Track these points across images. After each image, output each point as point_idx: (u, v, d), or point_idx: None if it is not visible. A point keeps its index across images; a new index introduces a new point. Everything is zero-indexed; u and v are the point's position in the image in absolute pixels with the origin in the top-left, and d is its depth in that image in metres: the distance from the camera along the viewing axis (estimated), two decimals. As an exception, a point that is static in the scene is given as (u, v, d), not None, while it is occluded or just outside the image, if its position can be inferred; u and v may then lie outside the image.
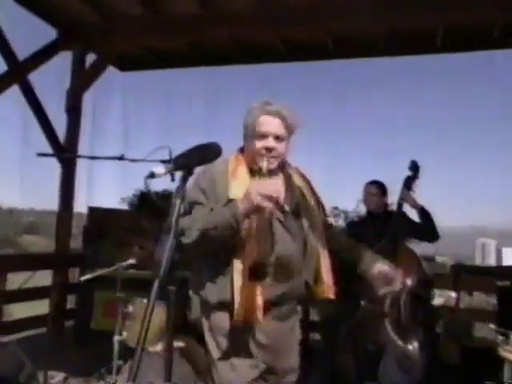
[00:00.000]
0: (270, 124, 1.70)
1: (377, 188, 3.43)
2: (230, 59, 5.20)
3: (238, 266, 1.59)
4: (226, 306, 1.61)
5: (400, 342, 2.83)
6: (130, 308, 2.89)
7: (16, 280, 4.43)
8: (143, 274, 3.37)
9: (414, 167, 3.27)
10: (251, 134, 1.73)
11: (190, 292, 1.82)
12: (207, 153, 1.40)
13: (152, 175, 1.24)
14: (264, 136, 1.70)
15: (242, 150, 1.82)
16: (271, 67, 5.62)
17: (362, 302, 3.08)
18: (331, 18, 4.22)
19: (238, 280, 1.58)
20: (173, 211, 1.24)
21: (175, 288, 1.36)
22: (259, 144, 1.70)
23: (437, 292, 4.30)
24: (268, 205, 1.50)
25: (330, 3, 4.08)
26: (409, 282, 2.96)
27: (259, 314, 1.56)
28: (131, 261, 2.92)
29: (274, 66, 5.62)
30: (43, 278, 4.76)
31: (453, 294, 5.18)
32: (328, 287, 1.75)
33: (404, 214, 3.29)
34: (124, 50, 5.05)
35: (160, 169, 1.25)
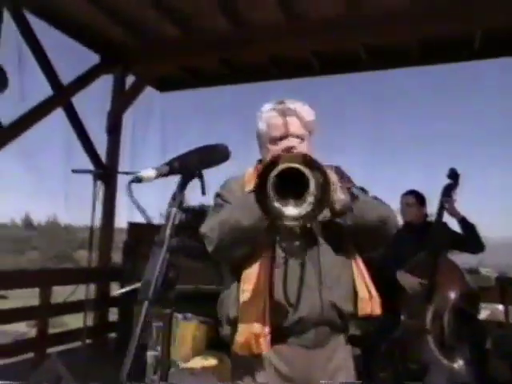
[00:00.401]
0: (288, 124, 1.45)
1: (414, 198, 3.17)
2: (264, 75, 5.08)
3: (246, 286, 1.36)
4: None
5: (445, 361, 2.54)
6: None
7: (62, 293, 4.41)
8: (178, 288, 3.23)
9: (454, 175, 3.00)
10: (267, 140, 1.49)
11: None
12: (212, 155, 1.15)
13: (138, 179, 0.99)
14: (282, 139, 1.45)
15: (261, 162, 1.57)
16: (306, 81, 5.45)
17: (402, 317, 2.82)
18: (363, 29, 4.03)
19: (242, 300, 1.35)
20: (167, 221, 1.01)
21: (171, 310, 1.12)
22: (278, 148, 1.44)
23: (482, 305, 3.93)
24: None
25: (361, 13, 3.89)
26: (452, 295, 2.68)
27: (263, 342, 1.30)
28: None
29: (309, 80, 5.45)
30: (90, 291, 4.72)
31: (499, 307, 4.76)
32: (367, 302, 1.41)
33: (444, 224, 3.02)
34: (161, 71, 5.04)
35: (149, 172, 0.98)
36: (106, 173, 3.03)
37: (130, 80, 4.81)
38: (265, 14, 4.01)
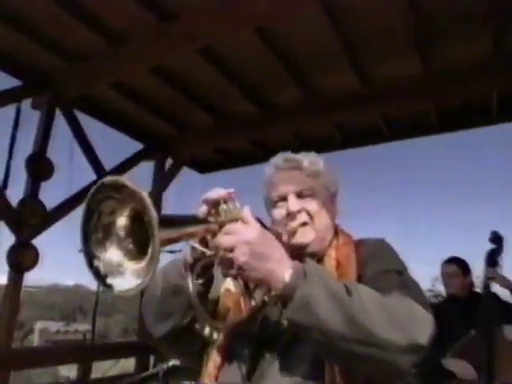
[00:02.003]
0: (285, 180, 1.00)
1: (457, 267, 2.46)
2: (291, 151, 4.67)
3: None
4: None
5: None
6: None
7: (101, 366, 3.86)
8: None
9: (497, 239, 2.32)
10: (269, 204, 1.03)
11: None
12: None
13: None
14: (282, 200, 0.99)
15: None
16: (331, 155, 4.93)
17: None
18: (381, 100, 3.58)
19: None
20: None
21: None
22: (278, 212, 0.98)
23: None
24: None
25: (375, 87, 3.47)
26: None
27: None
28: (173, 361, 2.23)
29: (335, 154, 4.95)
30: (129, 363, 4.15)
31: None
32: None
33: (495, 296, 2.28)
34: (197, 155, 4.79)
35: None
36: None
37: (169, 162, 4.58)
38: (285, 95, 3.69)
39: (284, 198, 0.98)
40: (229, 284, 0.90)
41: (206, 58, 3.15)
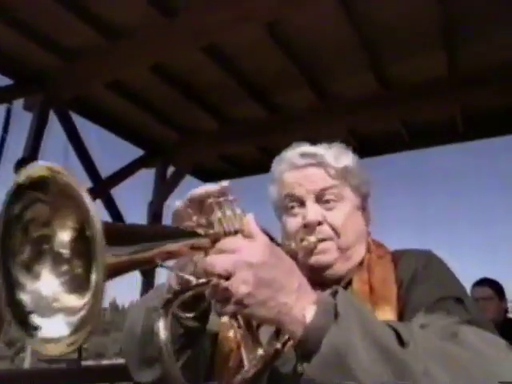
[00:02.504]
0: (302, 180, 0.83)
1: (491, 289, 2.27)
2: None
3: None
4: None
5: None
6: None
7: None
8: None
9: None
10: (282, 209, 0.87)
11: None
12: None
13: None
14: (298, 205, 0.83)
15: None
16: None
17: None
18: (401, 104, 3.45)
19: None
20: None
21: None
22: (293, 222, 0.82)
23: None
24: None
25: (398, 88, 3.34)
26: None
27: None
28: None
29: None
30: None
31: None
32: None
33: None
34: (201, 162, 4.67)
35: None
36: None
37: (171, 169, 4.47)
38: (296, 97, 3.57)
39: (301, 203, 0.83)
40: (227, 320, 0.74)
41: (211, 56, 3.05)
